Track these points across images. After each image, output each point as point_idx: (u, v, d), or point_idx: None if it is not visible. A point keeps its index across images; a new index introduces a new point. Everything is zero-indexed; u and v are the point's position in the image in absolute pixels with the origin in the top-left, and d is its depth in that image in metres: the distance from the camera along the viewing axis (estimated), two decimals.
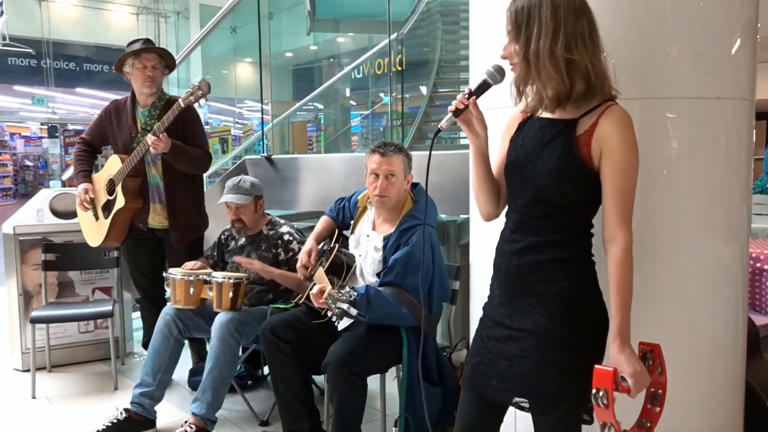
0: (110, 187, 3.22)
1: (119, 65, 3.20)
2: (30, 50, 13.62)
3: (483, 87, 1.54)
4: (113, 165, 3.20)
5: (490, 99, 1.60)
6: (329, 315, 2.13)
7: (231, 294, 2.74)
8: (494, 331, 1.55)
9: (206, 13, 13.19)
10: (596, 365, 1.36)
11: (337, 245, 2.56)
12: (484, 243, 2.04)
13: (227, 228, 3.13)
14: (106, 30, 14.96)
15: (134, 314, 4.10)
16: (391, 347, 2.35)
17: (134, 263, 3.43)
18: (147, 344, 3.07)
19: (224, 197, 2.95)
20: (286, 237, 2.98)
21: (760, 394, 2.18)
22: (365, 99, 9.54)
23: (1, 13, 11.89)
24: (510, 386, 1.51)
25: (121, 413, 2.75)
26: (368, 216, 2.57)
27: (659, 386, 1.45)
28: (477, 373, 1.57)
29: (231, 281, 2.74)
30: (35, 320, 3.27)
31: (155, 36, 14.39)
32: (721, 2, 1.80)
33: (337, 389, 2.26)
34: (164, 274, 2.91)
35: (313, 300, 2.20)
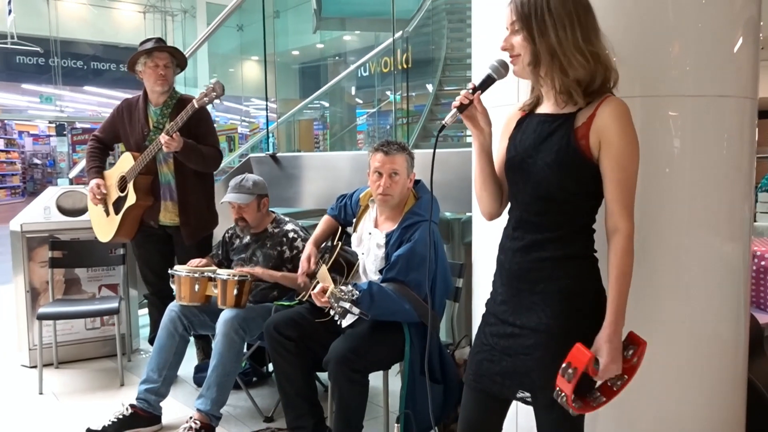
0: (122, 184, 3.26)
1: (132, 64, 3.24)
2: (38, 49, 13.69)
3: (487, 82, 1.54)
4: (125, 162, 3.24)
5: (492, 97, 1.61)
6: (332, 314, 2.14)
7: (235, 291, 2.76)
8: (497, 328, 1.56)
9: (213, 12, 13.23)
10: (578, 343, 1.39)
11: (340, 243, 2.57)
12: (487, 240, 2.04)
13: (232, 226, 3.14)
14: (114, 28, 15.05)
15: (140, 311, 4.13)
16: (394, 343, 2.36)
17: (144, 259, 3.47)
18: (153, 340, 3.10)
19: (226, 197, 2.97)
20: (291, 235, 2.99)
21: (763, 392, 2.17)
22: (371, 97, 9.53)
23: (10, 12, 11.96)
24: (513, 382, 1.52)
25: (127, 409, 2.77)
26: (370, 214, 2.58)
27: (628, 372, 1.47)
28: (480, 370, 1.58)
29: (235, 278, 2.76)
30: (42, 317, 3.30)
31: (162, 34, 14.45)
32: (723, 0, 1.80)
33: (339, 386, 2.27)
34: (169, 271, 2.93)
35: (315, 299, 2.21)
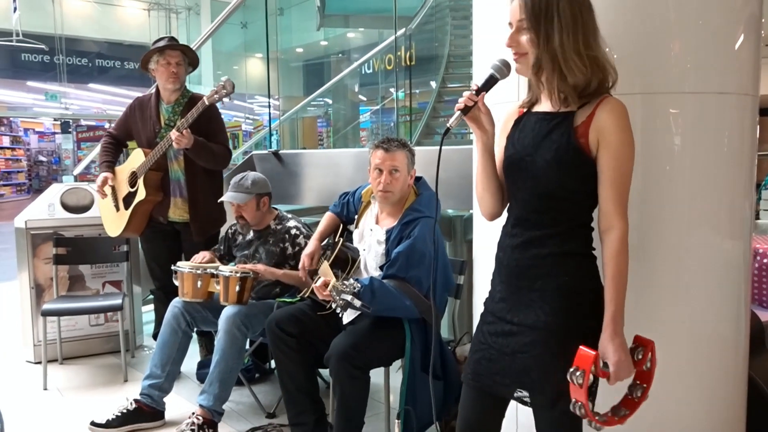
0: (132, 180, 3.30)
1: (144, 62, 3.30)
2: (43, 46, 13.75)
3: (490, 82, 1.54)
4: (136, 158, 3.29)
5: (493, 94, 1.60)
6: (333, 307, 2.15)
7: (238, 288, 2.77)
8: (495, 327, 1.55)
9: (217, 9, 13.22)
10: (581, 346, 1.38)
11: (342, 239, 2.58)
12: (487, 238, 2.04)
13: (235, 222, 3.16)
14: (119, 26, 15.10)
15: (144, 308, 4.15)
16: (394, 340, 2.36)
17: (152, 254, 3.51)
18: (157, 336, 3.11)
19: (225, 195, 3.00)
20: (293, 231, 3.00)
21: (764, 389, 2.16)
22: (375, 94, 9.52)
23: (15, 9, 12.01)
24: (512, 380, 1.52)
25: (131, 404, 2.79)
26: (372, 210, 2.58)
27: (644, 380, 1.45)
28: (479, 369, 1.58)
29: (238, 275, 2.77)
30: (46, 313, 3.33)
31: (167, 32, 14.48)
32: None
33: (340, 382, 2.27)
34: (172, 267, 2.95)
35: (317, 292, 2.21)
